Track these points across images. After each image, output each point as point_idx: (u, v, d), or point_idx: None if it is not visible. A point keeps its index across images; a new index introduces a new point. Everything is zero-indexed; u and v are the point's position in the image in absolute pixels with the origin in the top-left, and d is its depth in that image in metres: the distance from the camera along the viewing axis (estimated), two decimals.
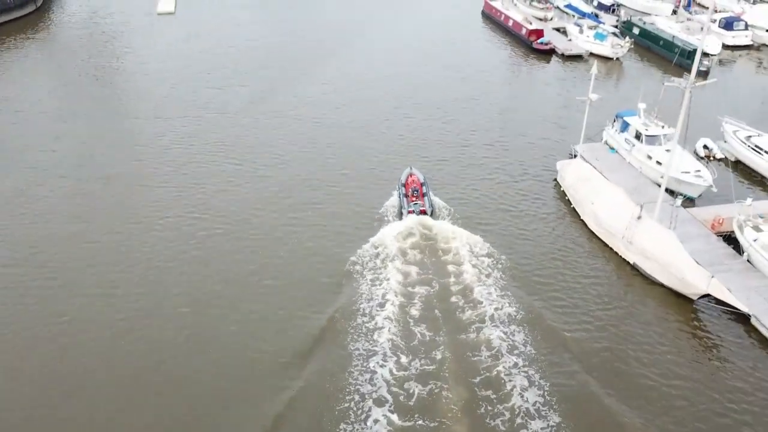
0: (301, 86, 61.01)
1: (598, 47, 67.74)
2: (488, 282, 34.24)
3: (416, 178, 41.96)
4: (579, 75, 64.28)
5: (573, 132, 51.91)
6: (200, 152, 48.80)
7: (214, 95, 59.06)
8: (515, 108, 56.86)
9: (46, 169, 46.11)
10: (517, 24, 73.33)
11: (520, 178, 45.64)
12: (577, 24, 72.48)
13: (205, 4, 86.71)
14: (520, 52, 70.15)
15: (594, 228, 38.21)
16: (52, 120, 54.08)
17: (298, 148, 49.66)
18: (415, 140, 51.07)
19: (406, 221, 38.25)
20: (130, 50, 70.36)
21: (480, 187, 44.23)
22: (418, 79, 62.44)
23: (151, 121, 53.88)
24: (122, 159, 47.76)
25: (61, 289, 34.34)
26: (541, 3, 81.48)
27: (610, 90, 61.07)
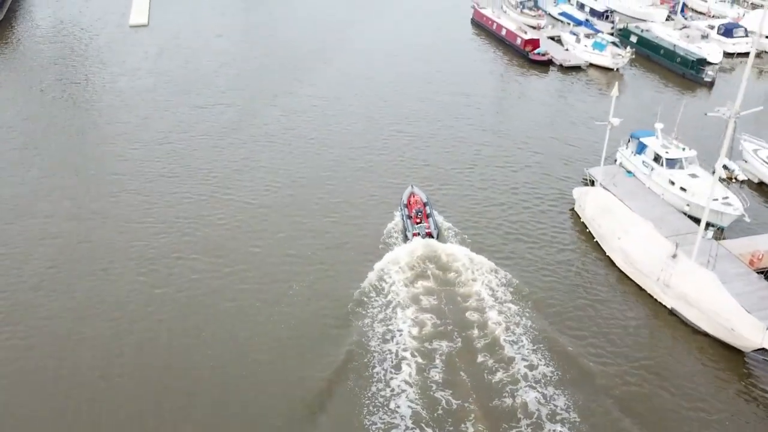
0: (289, 103, 57.13)
1: (598, 57, 64.92)
2: (517, 331, 30.91)
3: (419, 197, 40.02)
4: (580, 87, 61.34)
5: (584, 151, 49.07)
6: (185, 183, 44.70)
7: (196, 116, 54.88)
8: (518, 125, 53.67)
9: (12, 208, 41.66)
10: (511, 33, 70.22)
11: (533, 204, 42.51)
12: (573, 33, 69.58)
13: (181, 15, 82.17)
14: (516, 63, 67.03)
15: (623, 266, 35.06)
16: (17, 147, 49.46)
17: (290, 172, 45.88)
18: (415, 160, 48.02)
19: (412, 245, 36.34)
20: (101, 67, 65.67)
21: (490, 213, 41.45)
22: (410, 94, 58.92)
23: (127, 148, 49.56)
24: (96, 194, 43.46)
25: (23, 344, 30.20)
26: (533, 10, 78.53)
27: (608, 103, 57.91)
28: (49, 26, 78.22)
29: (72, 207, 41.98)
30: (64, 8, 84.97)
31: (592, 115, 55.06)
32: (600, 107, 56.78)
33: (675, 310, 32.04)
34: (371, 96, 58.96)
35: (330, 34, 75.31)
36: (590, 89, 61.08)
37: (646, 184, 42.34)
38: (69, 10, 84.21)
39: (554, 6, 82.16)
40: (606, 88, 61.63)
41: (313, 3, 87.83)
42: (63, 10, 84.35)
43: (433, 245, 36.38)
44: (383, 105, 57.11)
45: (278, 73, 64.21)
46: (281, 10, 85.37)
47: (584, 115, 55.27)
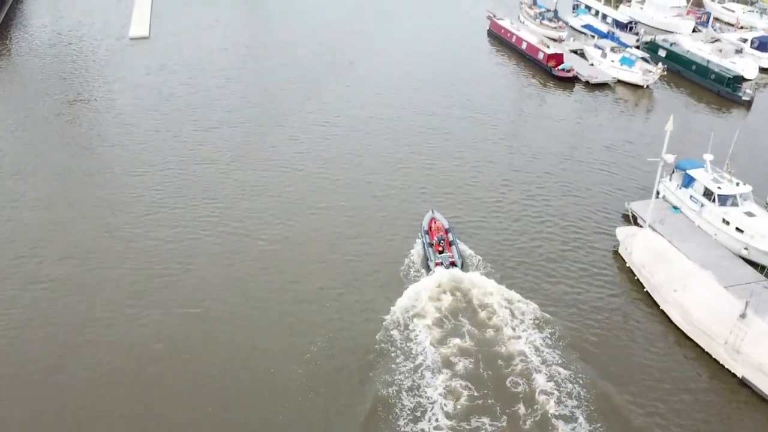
0: (299, 123, 53.39)
1: (626, 73, 61.10)
2: (569, 403, 27.20)
3: (440, 224, 37.76)
4: (609, 106, 57.50)
5: (621, 180, 45.34)
6: (187, 215, 41.01)
7: (200, 139, 51.15)
8: (546, 147, 49.82)
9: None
10: (532, 47, 66.40)
11: (570, 238, 38.89)
12: (598, 46, 65.79)
13: (183, 26, 78.48)
14: (538, 80, 63.21)
15: (681, 324, 31.26)
16: (9, 177, 45.75)
17: (303, 200, 42.19)
18: (435, 185, 44.68)
19: (436, 276, 33.98)
20: (101, 83, 62.01)
21: (521, 245, 38.35)
22: (427, 113, 55.12)
23: (126, 176, 45.85)
24: (92, 229, 39.76)
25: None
26: (553, 22, 74.69)
27: (642, 124, 54.54)
28: (47, 38, 74.58)
29: (65, 245, 38.26)
30: (63, 18, 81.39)
31: (627, 137, 51.39)
32: (634, 129, 53.15)
33: (746, 379, 28.27)
34: (384, 115, 55.19)
35: (339, 50, 71.55)
36: (620, 108, 57.25)
37: (695, 222, 38.54)
38: (67, 20, 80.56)
39: (574, 17, 78.38)
40: (635, 107, 57.93)
41: (322, 17, 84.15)
42: (61, 20, 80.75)
43: (458, 276, 34.03)
44: (398, 125, 53.39)
45: (287, 90, 60.50)
46: (290, 23, 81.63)
47: (618, 137, 51.48)
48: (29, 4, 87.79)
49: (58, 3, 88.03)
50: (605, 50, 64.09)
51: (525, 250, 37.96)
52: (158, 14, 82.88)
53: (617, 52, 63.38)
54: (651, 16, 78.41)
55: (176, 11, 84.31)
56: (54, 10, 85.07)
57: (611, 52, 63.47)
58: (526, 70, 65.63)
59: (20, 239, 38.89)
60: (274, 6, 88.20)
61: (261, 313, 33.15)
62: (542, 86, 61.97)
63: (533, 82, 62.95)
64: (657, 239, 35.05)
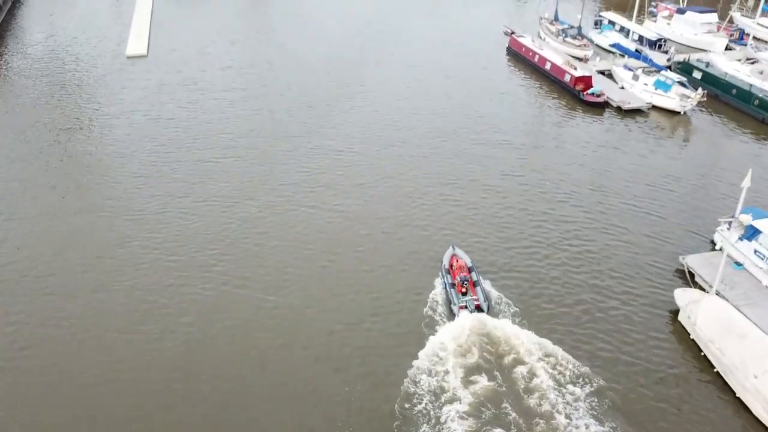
0: (308, 155, 48.89)
1: (662, 99, 56.51)
2: None
3: (463, 262, 34.72)
4: (644, 136, 52.85)
5: (670, 225, 40.92)
6: (186, 270, 36.50)
7: (201, 173, 46.69)
8: (583, 182, 45.28)
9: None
10: (557, 68, 61.84)
11: (615, 293, 34.81)
12: (629, 68, 61.24)
13: (183, 42, 74.15)
14: (565, 104, 58.64)
15: (762, 415, 26.64)
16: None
17: (314, 252, 37.67)
18: (459, 228, 40.07)
19: (460, 322, 30.96)
20: (94, 106, 57.72)
21: (556, 294, 34.28)
22: (446, 144, 50.61)
23: (119, 218, 41.41)
24: (81, 283, 35.30)
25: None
26: (577, 39, 70.14)
27: (684, 157, 49.92)
28: (39, 56, 70.25)
29: (49, 309, 33.78)
30: (57, 35, 77.10)
31: (671, 172, 46.89)
32: (677, 163, 48.60)
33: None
34: (400, 142, 50.73)
35: (349, 70, 67.15)
36: (657, 138, 52.61)
37: (762, 281, 33.91)
38: (62, 37, 76.32)
39: (598, 33, 73.81)
40: (673, 136, 53.34)
41: (330, 34, 79.84)
42: (55, 37, 76.46)
43: (485, 322, 30.99)
44: (414, 153, 48.97)
45: (294, 115, 56.05)
46: (296, 39, 77.22)
47: (659, 172, 46.89)
48: (21, 19, 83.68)
49: (53, 18, 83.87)
50: (637, 72, 59.53)
51: (561, 298, 34.15)
52: (158, 28, 78.74)
53: (650, 75, 58.80)
54: (680, 32, 73.84)
55: (176, 26, 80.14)
56: (48, 26, 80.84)
57: (644, 75, 58.90)
58: (551, 93, 61.05)
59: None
60: (279, 21, 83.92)
61: (276, 386, 28.67)
62: (570, 111, 57.39)
63: (560, 106, 58.35)
64: (727, 309, 30.39)
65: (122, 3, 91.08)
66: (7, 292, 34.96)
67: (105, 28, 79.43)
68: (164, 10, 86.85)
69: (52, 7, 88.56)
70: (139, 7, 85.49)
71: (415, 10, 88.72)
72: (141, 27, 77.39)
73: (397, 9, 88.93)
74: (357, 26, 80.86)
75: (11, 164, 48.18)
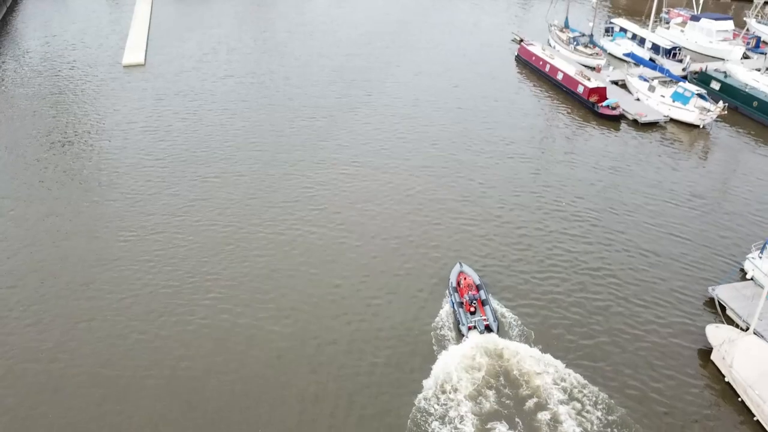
0: (311, 172, 46.59)
1: (680, 111, 54.19)
2: None
3: (471, 280, 33.54)
4: (664, 151, 50.47)
5: (697, 248, 38.67)
6: (184, 298, 34.19)
7: (198, 193, 44.45)
8: (600, 202, 42.96)
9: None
10: (570, 79, 59.54)
11: (639, 322, 32.89)
12: (644, 78, 58.92)
13: (183, 50, 72.02)
14: (578, 117, 56.34)
15: None
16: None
17: (320, 278, 35.28)
18: (472, 250, 37.23)
19: (468, 343, 29.98)
20: (91, 117, 55.65)
21: (574, 316, 31.43)
22: (457, 155, 48.37)
23: (113, 243, 39.16)
24: (66, 311, 33.03)
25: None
26: (589, 48, 67.83)
27: (706, 173, 47.53)
28: (34, 63, 68.21)
29: (29, 340, 31.53)
30: (53, 41, 75.11)
31: (693, 190, 44.70)
32: (700, 180, 46.26)
33: None
34: (408, 158, 48.45)
35: (354, 80, 64.98)
36: (676, 153, 50.26)
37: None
38: (58, 43, 74.32)
39: (610, 41, 71.49)
40: (692, 151, 50.98)
41: (334, 43, 77.74)
42: (51, 43, 74.41)
43: (495, 342, 30.08)
44: (422, 168, 46.63)
45: (297, 129, 53.84)
46: (300, 46, 75.13)
47: (681, 190, 44.62)
48: (17, 24, 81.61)
49: (49, 24, 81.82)
50: (653, 83, 57.22)
51: (579, 323, 32.32)
52: (156, 36, 76.68)
53: (667, 86, 56.48)
54: (694, 40, 71.53)
55: (176, 33, 78.03)
56: (44, 32, 78.82)
57: (660, 86, 56.58)
58: (562, 105, 58.75)
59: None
60: (282, 28, 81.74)
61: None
62: (584, 124, 55.07)
63: (573, 119, 56.04)
64: (766, 351, 28.01)
65: (121, 7, 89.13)
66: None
67: (103, 35, 77.42)
68: (163, 17, 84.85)
69: (49, 14, 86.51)
70: (138, 14, 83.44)
71: (422, 16, 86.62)
72: (138, 35, 75.26)
73: (403, 17, 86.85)
74: (363, 34, 78.73)
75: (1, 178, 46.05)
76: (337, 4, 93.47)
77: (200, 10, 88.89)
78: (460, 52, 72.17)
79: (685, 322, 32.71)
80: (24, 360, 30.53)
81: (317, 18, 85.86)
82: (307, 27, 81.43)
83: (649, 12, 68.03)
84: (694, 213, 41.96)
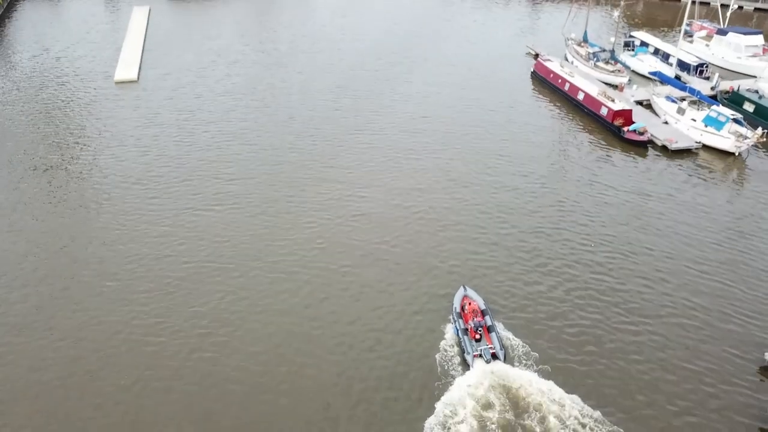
0: (313, 202, 42.64)
1: (714, 138, 50.06)
2: None
3: (476, 305, 32.10)
4: (698, 181, 46.26)
5: (747, 298, 34.64)
6: (166, 353, 30.18)
7: (191, 227, 40.61)
8: (635, 240, 38.85)
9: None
10: (592, 99, 55.45)
11: (688, 394, 28.64)
12: (672, 99, 54.81)
13: (179, 64, 68.23)
14: (602, 142, 52.22)
15: None
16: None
17: (323, 325, 31.25)
18: (491, 290, 33.00)
19: (474, 374, 28.52)
20: (79, 138, 52.11)
21: (617, 379, 26.75)
22: (475, 185, 44.38)
23: (100, 283, 35.24)
24: (36, 380, 29.09)
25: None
26: (610, 64, 63.76)
27: (749, 207, 43.39)
28: (23, 78, 64.68)
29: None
30: (43, 55, 71.34)
31: (737, 226, 40.92)
32: (743, 215, 42.19)
33: None
34: (419, 185, 44.51)
35: (359, 96, 61.14)
36: (713, 184, 46.02)
37: None
38: (49, 57, 70.57)
39: (631, 56, 67.40)
40: (727, 180, 46.88)
41: (338, 57, 73.83)
42: (41, 57, 70.67)
43: (502, 372, 28.63)
44: (435, 204, 42.52)
45: (298, 151, 50.07)
46: (302, 60, 71.26)
47: (724, 226, 40.62)
48: (7, 36, 77.88)
49: (42, 37, 78.10)
50: (682, 105, 53.12)
51: (618, 381, 28.16)
52: (152, 47, 73.08)
53: (699, 108, 52.37)
54: (721, 55, 67.41)
55: (173, 44, 74.37)
56: (35, 44, 75.13)
57: (691, 108, 52.46)
58: (585, 129, 54.62)
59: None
60: (285, 39, 77.87)
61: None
62: (608, 150, 50.95)
63: (596, 144, 51.90)
64: None
65: (118, 16, 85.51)
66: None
67: (96, 48, 73.65)
68: (161, 27, 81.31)
69: (43, 23, 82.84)
70: (133, 24, 79.67)
71: (430, 27, 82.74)
72: (133, 47, 71.52)
73: (411, 27, 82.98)
74: (369, 46, 74.84)
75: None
76: (342, 13, 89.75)
77: (200, 20, 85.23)
78: (472, 68, 68.02)
79: (739, 391, 28.71)
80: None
81: (321, 29, 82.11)
82: (312, 39, 77.58)
83: (680, 21, 63.66)
84: (742, 256, 37.81)
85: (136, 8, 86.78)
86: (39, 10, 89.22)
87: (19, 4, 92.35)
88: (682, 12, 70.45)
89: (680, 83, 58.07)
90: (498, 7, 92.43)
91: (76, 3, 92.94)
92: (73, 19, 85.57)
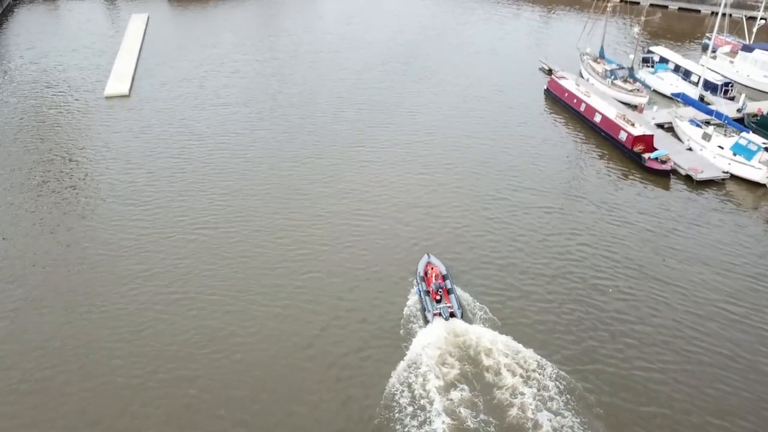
0: (312, 228, 39.34)
1: (742, 168, 46.42)
2: None
3: (438, 270, 34.23)
4: (729, 217, 42.46)
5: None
6: (152, 394, 27.05)
7: (183, 255, 37.86)
8: (665, 280, 35.29)
9: None
10: (609, 123, 51.87)
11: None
12: (696, 123, 51.17)
13: (176, 74, 65.27)
14: (620, 170, 48.62)
15: None
16: None
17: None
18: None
19: (433, 330, 30.99)
20: (73, 165, 48.89)
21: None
22: (490, 214, 40.98)
23: (72, 319, 32.06)
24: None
25: None
26: (628, 83, 60.16)
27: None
28: (6, 93, 61.52)
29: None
30: (31, 65, 68.54)
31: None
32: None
33: None
34: (428, 213, 41.31)
35: (364, 111, 57.88)
36: (746, 220, 42.29)
37: None
38: (36, 68, 67.67)
39: (651, 73, 63.72)
40: (758, 214, 43.21)
41: (340, 68, 70.66)
42: (29, 68, 67.87)
43: (458, 327, 31.09)
44: (442, 230, 39.09)
45: (296, 172, 46.92)
46: (307, 73, 68.02)
47: (763, 268, 36.88)
48: (3, 39, 75.34)
49: (35, 45, 75.30)
50: (707, 130, 49.47)
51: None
52: (148, 56, 70.31)
53: (726, 134, 48.73)
54: (746, 74, 63.69)
55: (170, 53, 71.58)
56: (28, 51, 72.35)
57: (717, 134, 48.81)
58: (602, 154, 50.97)
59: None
60: (289, 49, 74.67)
61: None
62: (627, 178, 47.37)
63: (614, 172, 48.27)
64: None
65: (116, 24, 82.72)
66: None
67: (91, 55, 70.88)
68: (158, 34, 78.54)
69: (37, 33, 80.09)
70: (130, 34, 76.64)
71: (437, 37, 79.37)
72: (127, 57, 68.59)
73: (417, 38, 79.64)
74: (375, 57, 71.55)
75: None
76: (347, 21, 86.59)
77: (199, 27, 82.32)
78: (482, 85, 64.49)
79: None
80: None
81: (325, 37, 79.04)
82: (316, 50, 74.32)
83: (702, 35, 59.91)
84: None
85: (135, 15, 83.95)
86: (36, 17, 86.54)
87: (17, 8, 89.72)
88: (709, 24, 66.66)
89: (704, 105, 54.38)
90: (509, 17, 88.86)
91: (75, 9, 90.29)
92: (70, 26, 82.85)
